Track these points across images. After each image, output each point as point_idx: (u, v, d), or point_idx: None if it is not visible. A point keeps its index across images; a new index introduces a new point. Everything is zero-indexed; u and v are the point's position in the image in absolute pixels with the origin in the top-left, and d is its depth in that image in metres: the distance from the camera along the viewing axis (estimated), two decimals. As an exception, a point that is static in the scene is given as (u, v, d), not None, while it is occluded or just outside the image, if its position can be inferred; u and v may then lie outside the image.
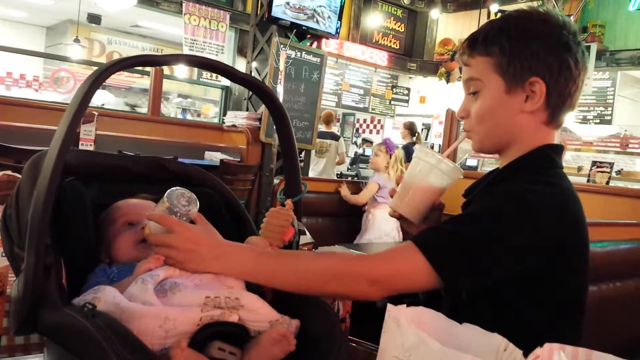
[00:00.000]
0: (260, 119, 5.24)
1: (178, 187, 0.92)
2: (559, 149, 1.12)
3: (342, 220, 3.93)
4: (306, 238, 1.31)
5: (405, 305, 0.55)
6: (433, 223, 1.20)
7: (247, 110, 5.54)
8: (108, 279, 0.86)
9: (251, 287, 0.90)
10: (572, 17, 2.63)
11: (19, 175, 0.90)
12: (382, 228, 3.75)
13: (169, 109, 10.36)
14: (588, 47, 5.83)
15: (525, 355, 0.48)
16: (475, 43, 1.11)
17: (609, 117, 9.04)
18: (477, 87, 1.11)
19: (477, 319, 0.62)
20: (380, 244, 3.47)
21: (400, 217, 1.19)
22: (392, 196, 1.20)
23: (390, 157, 3.93)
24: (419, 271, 0.95)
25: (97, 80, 0.77)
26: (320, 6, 5.44)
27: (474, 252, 0.96)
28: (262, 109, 5.28)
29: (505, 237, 0.96)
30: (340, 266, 0.96)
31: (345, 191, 3.81)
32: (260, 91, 0.99)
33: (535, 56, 1.06)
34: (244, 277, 0.89)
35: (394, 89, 11.09)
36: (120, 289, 0.80)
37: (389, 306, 0.53)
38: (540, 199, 0.99)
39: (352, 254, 1.00)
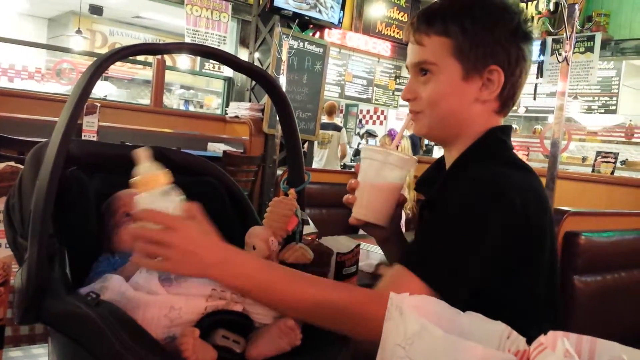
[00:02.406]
0: (262, 110, 5.23)
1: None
2: (507, 130, 1.09)
3: (345, 211, 3.92)
4: (309, 228, 1.31)
5: (407, 294, 0.55)
6: (397, 220, 1.15)
7: (250, 101, 5.54)
8: (112, 268, 0.87)
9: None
10: (576, 6, 2.60)
11: (22, 167, 0.90)
12: None
13: (172, 101, 10.36)
14: (593, 37, 5.79)
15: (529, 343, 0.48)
16: (433, 20, 1.03)
17: (613, 107, 9.00)
18: (430, 70, 1.04)
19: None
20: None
21: (365, 224, 1.12)
22: (348, 204, 1.12)
23: (397, 148, 3.88)
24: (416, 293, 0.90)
25: (98, 69, 0.77)
26: (322, -4, 5.42)
27: (466, 260, 0.92)
28: (265, 99, 5.27)
29: (488, 231, 0.93)
30: (350, 306, 0.85)
31: None
32: (263, 79, 0.98)
33: (498, 43, 1.01)
34: (243, 292, 0.79)
35: (397, 80, 11.04)
36: (121, 275, 0.80)
37: (392, 294, 0.53)
38: (508, 181, 0.96)
39: (361, 292, 0.90)
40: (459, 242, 0.93)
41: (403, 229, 3.83)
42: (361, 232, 4.20)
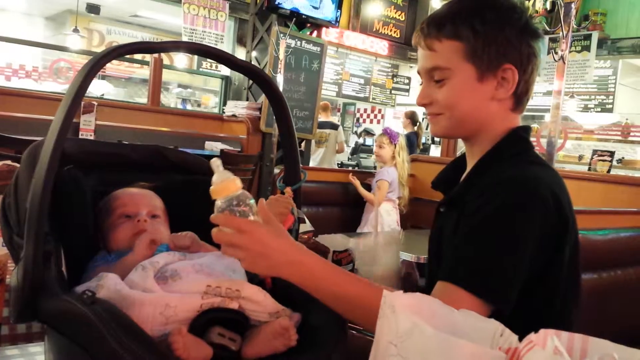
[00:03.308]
0: (260, 109, 5.23)
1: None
2: (528, 130, 1.11)
3: (342, 209, 3.94)
4: (306, 226, 1.31)
5: (402, 291, 0.55)
6: None
7: (247, 100, 5.53)
8: (108, 267, 0.87)
9: (252, 277, 0.90)
10: (573, 5, 2.62)
11: (19, 165, 0.90)
12: (384, 221, 3.77)
13: (169, 99, 10.34)
14: (589, 35, 5.79)
15: (521, 339, 0.48)
16: (443, 24, 1.04)
17: (610, 106, 9.01)
18: (444, 76, 1.05)
19: None
20: (381, 233, 3.51)
21: None
22: None
23: (395, 147, 3.98)
24: (468, 307, 0.89)
25: (94, 68, 0.77)
26: (320, -6, 5.42)
27: (510, 264, 0.93)
28: (262, 98, 5.26)
29: (527, 231, 0.94)
30: None
31: (360, 188, 3.90)
32: (259, 78, 0.99)
33: (509, 42, 1.03)
34: (309, 290, 0.84)
35: (394, 78, 11.03)
36: (116, 272, 0.80)
37: (385, 292, 0.53)
38: (538, 180, 0.98)
39: None
40: (501, 247, 0.93)
41: (398, 226, 3.87)
42: (358, 230, 4.20)
